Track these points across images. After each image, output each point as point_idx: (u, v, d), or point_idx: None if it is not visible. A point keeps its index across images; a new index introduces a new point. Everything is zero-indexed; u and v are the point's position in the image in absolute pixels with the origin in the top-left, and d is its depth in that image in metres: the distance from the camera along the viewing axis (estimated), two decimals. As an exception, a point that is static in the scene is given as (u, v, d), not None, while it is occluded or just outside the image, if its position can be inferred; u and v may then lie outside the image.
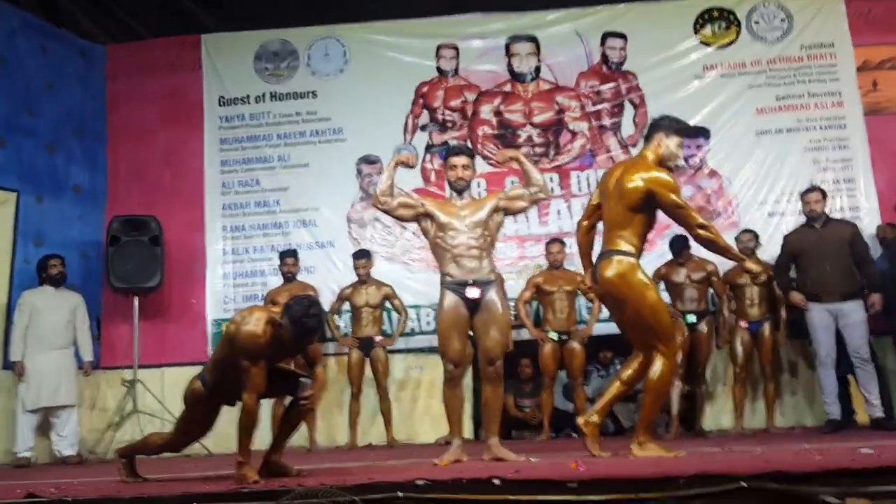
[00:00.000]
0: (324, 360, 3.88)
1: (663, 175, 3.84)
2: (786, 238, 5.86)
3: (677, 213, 3.83)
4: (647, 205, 3.85)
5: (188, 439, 3.89)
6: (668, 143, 3.90)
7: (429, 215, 4.12)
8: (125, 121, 7.33)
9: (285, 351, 3.59)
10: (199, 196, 7.21)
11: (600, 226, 4.13)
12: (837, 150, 6.78)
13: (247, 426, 3.53)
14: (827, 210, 5.72)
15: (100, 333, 7.03)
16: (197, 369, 6.70)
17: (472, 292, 4.07)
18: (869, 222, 6.38)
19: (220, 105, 7.37)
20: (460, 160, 4.12)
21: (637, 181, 3.83)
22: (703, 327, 6.01)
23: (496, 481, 3.04)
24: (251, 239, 7.18)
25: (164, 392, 6.68)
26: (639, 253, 3.93)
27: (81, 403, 6.64)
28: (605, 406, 4.17)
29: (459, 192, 4.13)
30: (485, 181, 6.87)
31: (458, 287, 4.08)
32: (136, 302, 6.72)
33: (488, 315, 4.05)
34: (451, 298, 4.09)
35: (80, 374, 6.24)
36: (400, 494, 2.97)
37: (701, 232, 3.79)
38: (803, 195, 5.76)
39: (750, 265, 4.18)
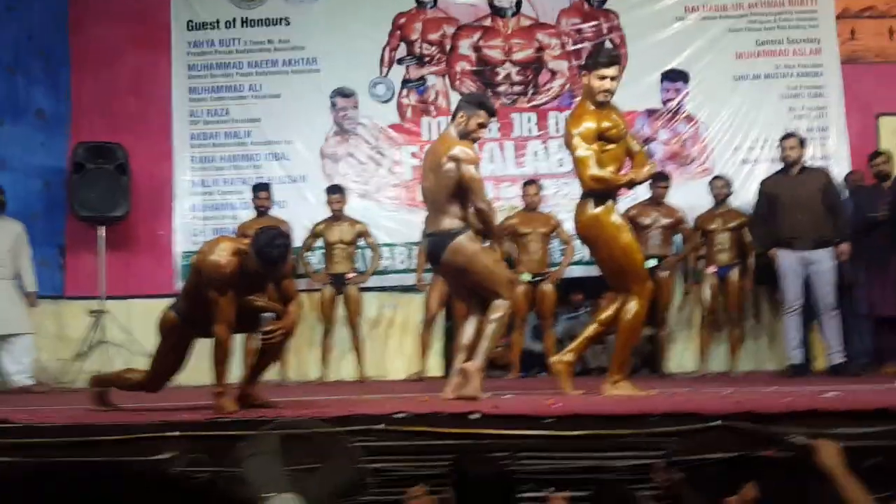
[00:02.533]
0: (298, 297, 3.83)
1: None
2: (762, 183, 5.91)
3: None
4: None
5: (163, 376, 3.85)
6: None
7: None
8: (89, 43, 7.03)
9: (253, 282, 3.56)
10: (166, 124, 7.00)
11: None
12: (813, 97, 6.79)
13: (219, 357, 3.52)
14: (804, 158, 5.76)
15: (64, 262, 6.89)
16: (165, 301, 6.66)
17: None
18: (839, 171, 6.42)
19: (188, 29, 7.09)
20: (491, 121, 4.14)
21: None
22: (665, 271, 6.10)
23: (475, 415, 3.08)
24: (221, 171, 7.02)
25: (132, 324, 6.59)
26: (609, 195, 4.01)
27: (42, 332, 6.54)
28: (580, 346, 4.23)
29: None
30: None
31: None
32: (101, 231, 6.57)
33: None
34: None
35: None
36: (381, 426, 3.01)
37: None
38: (781, 141, 5.79)
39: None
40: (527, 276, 6.20)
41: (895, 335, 5.84)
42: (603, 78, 3.94)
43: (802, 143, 5.76)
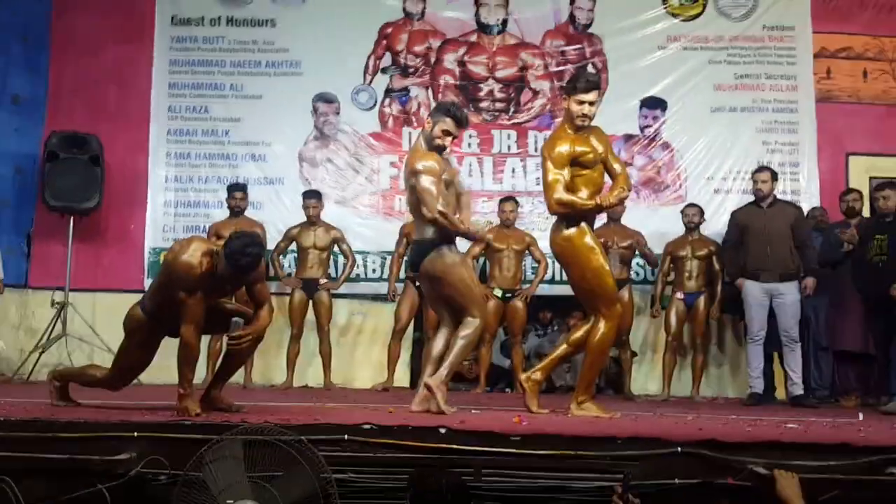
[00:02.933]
0: (271, 302, 3.80)
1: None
2: (733, 214, 6.00)
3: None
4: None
5: (126, 374, 3.80)
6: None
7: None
8: (72, 30, 6.94)
9: (222, 285, 3.53)
10: (144, 118, 6.92)
11: None
12: (787, 133, 6.92)
13: (186, 358, 3.49)
14: (775, 191, 5.87)
15: (30, 251, 6.77)
16: (131, 297, 6.56)
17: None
18: (808, 206, 6.54)
19: (172, 24, 7.04)
20: (458, 132, 4.05)
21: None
22: (625, 294, 6.15)
23: (442, 430, 3.09)
24: (197, 168, 6.96)
25: (96, 317, 6.49)
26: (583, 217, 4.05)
27: (4, 322, 6.43)
28: (549, 365, 4.26)
29: (440, 150, 3.99)
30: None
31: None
32: (71, 222, 6.46)
33: None
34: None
35: None
36: (346, 437, 2.99)
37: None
38: (754, 174, 5.89)
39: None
40: (498, 292, 6.22)
41: (854, 369, 5.95)
42: (581, 103, 3.99)
43: (775, 176, 5.87)
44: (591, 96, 4.00)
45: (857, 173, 6.81)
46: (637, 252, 6.35)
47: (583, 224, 4.06)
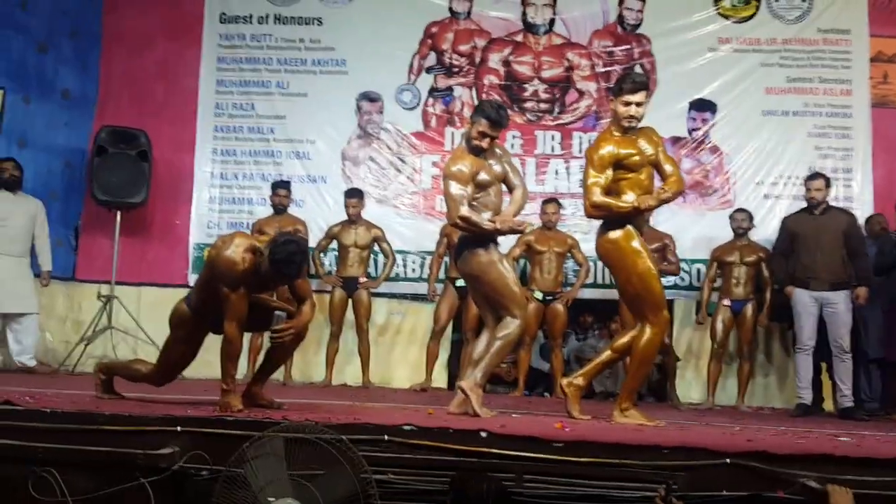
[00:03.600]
0: (312, 297, 3.80)
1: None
2: (784, 221, 5.86)
3: None
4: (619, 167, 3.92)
5: (171, 369, 3.82)
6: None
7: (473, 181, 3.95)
8: (121, 27, 7.06)
9: (265, 282, 3.53)
10: (191, 115, 7.01)
11: None
12: (840, 138, 6.73)
13: (229, 354, 3.50)
14: (828, 198, 5.71)
15: (77, 244, 6.90)
16: (175, 291, 6.68)
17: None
18: (861, 214, 6.36)
19: (220, 22, 7.12)
20: (494, 131, 3.91)
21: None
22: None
23: (483, 434, 3.04)
24: (242, 165, 7.02)
25: (140, 311, 6.59)
26: (627, 219, 3.95)
27: (50, 313, 6.55)
28: (592, 370, 4.19)
29: (475, 151, 3.93)
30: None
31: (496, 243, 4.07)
32: (118, 216, 6.56)
33: None
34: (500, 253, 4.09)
35: (39, 282, 6.07)
36: (386, 438, 2.97)
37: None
38: (807, 181, 5.74)
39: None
40: (539, 295, 6.16)
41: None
42: (628, 104, 3.91)
43: (828, 183, 5.71)
44: (637, 97, 3.92)
45: (913, 178, 6.60)
46: (664, 256, 6.18)
47: (629, 227, 3.98)
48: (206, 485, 2.77)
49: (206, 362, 6.57)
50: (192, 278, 6.64)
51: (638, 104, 3.93)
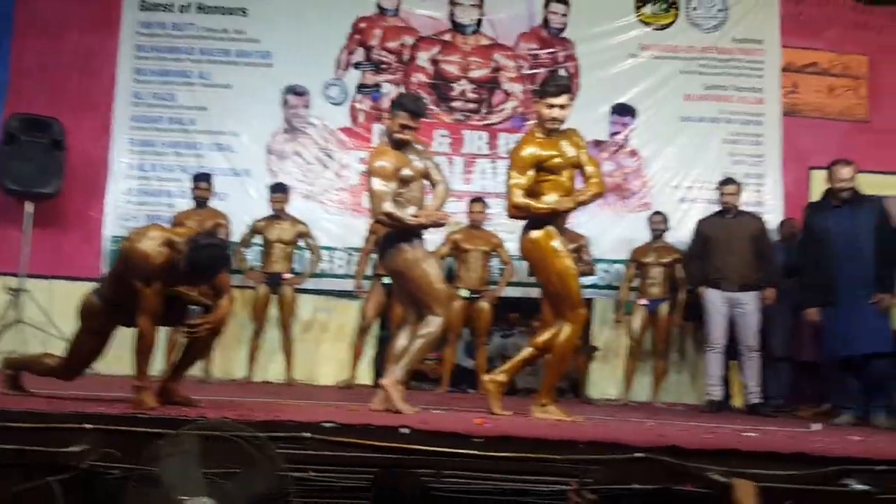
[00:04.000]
0: (231, 292, 3.73)
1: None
2: (698, 224, 6.08)
3: None
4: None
5: (80, 363, 3.70)
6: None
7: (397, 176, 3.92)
8: (36, 12, 6.76)
9: (179, 279, 3.45)
10: (108, 104, 6.78)
11: None
12: (753, 145, 7.04)
13: (142, 349, 3.41)
14: (739, 203, 5.95)
15: (-16, 236, 6.58)
16: (89, 285, 6.41)
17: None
18: (771, 218, 6.65)
19: (140, 9, 6.91)
20: (415, 122, 3.92)
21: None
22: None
23: (404, 430, 3.05)
24: (161, 156, 6.83)
25: (53, 305, 6.33)
26: (548, 220, 4.04)
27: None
28: (513, 367, 4.26)
29: (398, 145, 3.93)
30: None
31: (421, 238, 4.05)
32: (29, 207, 6.29)
33: None
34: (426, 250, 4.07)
35: None
36: (306, 435, 2.94)
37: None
38: (721, 185, 5.98)
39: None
40: (464, 293, 6.22)
41: (810, 379, 6.06)
42: (552, 106, 4.00)
43: (740, 188, 5.97)
44: (561, 100, 4.01)
45: (819, 187, 6.87)
46: (580, 256, 6.34)
47: (549, 227, 4.06)
48: (118, 484, 2.69)
49: (120, 358, 6.34)
50: (109, 270, 6.43)
51: (561, 107, 4.01)
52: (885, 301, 4.84)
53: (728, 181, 6.01)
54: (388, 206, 3.83)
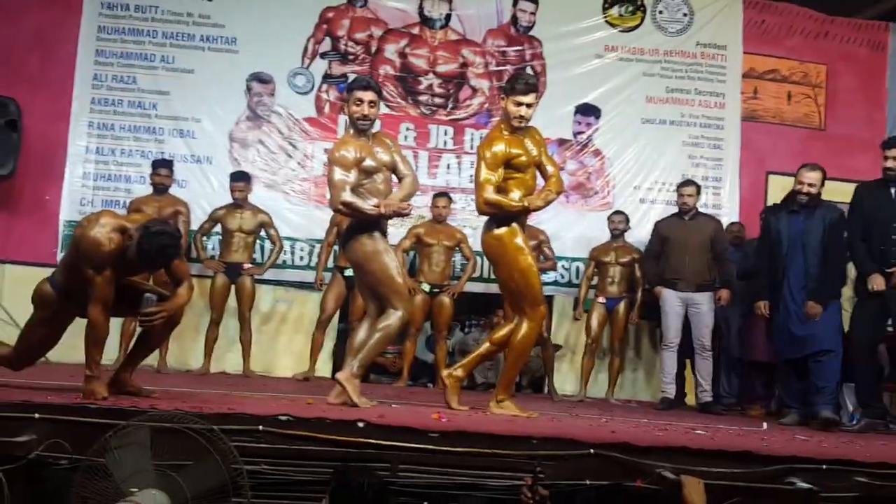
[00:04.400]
0: (190, 280, 3.68)
1: None
2: (656, 225, 6.18)
3: None
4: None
5: (30, 353, 3.62)
6: None
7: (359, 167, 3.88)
8: (-6, -13, 6.58)
9: (132, 267, 3.40)
10: (67, 85, 6.61)
11: None
12: (712, 148, 7.16)
13: (94, 339, 3.36)
14: (697, 205, 6.06)
15: (-66, 216, 6.39)
16: (43, 271, 6.26)
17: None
18: (728, 221, 6.78)
19: (103, -10, 6.75)
20: (367, 95, 3.90)
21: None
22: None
23: (360, 424, 3.06)
24: (120, 140, 6.69)
25: (3, 290, 6.21)
26: (513, 217, 4.06)
27: None
28: (471, 362, 4.28)
29: (361, 132, 3.96)
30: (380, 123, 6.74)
31: (384, 232, 4.01)
32: (-19, 188, 6.14)
33: None
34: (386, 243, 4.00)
35: None
36: (261, 428, 2.93)
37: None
38: (680, 187, 6.09)
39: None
40: (426, 287, 6.22)
41: (761, 379, 6.20)
42: (519, 104, 4.02)
43: (699, 191, 6.07)
44: (528, 98, 4.03)
45: (775, 192, 7.06)
46: (541, 252, 6.39)
47: (514, 224, 4.09)
48: (66, 475, 2.65)
49: (72, 346, 6.21)
50: (61, 257, 6.29)
51: (528, 105, 4.04)
52: (812, 309, 4.95)
53: (687, 183, 6.12)
54: (347, 196, 3.81)
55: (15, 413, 2.86)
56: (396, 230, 6.40)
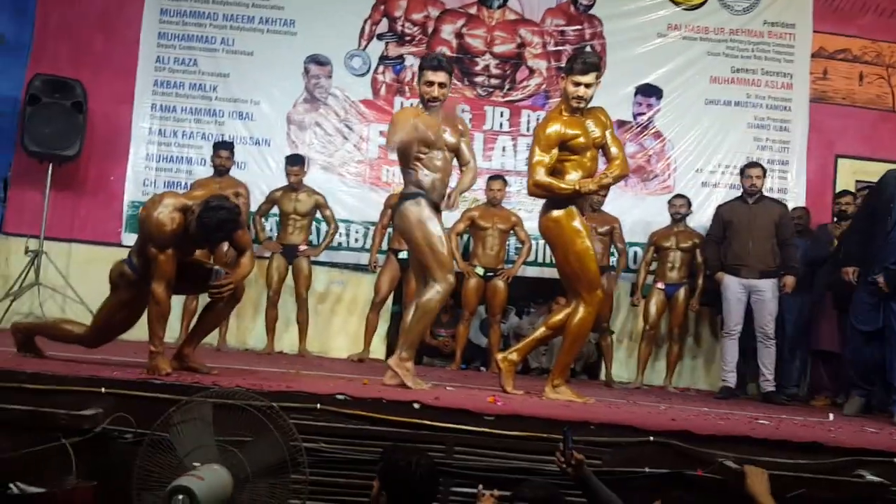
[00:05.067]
0: (252, 249, 3.74)
1: None
2: (718, 209, 6.00)
3: None
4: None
5: (107, 333, 3.72)
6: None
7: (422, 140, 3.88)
8: (61, -28, 6.74)
9: (196, 243, 3.49)
10: (131, 67, 6.74)
11: None
12: (779, 131, 6.91)
13: (157, 315, 3.45)
14: (761, 190, 5.87)
15: (6, 196, 6.61)
16: (107, 250, 6.49)
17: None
18: (792, 205, 6.55)
19: (165, -27, 6.86)
20: (438, 76, 3.87)
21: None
22: (604, 280, 6.13)
23: (416, 405, 3.06)
24: (182, 122, 6.81)
25: (70, 268, 6.39)
26: (570, 200, 4.00)
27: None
28: (526, 346, 4.24)
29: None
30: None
31: (434, 205, 3.97)
32: (49, 169, 6.31)
33: None
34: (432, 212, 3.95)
35: None
36: (318, 406, 2.96)
37: None
38: (746, 168, 5.89)
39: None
40: (480, 270, 6.19)
41: (827, 369, 6.00)
42: (578, 84, 3.94)
43: (764, 173, 5.87)
44: (587, 78, 3.94)
45: (844, 176, 6.82)
46: (612, 240, 6.30)
47: (571, 206, 4.03)
48: (130, 448, 2.72)
49: (137, 324, 6.43)
50: (126, 237, 6.45)
51: (587, 85, 3.95)
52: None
53: (753, 164, 5.91)
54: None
55: (83, 387, 2.94)
56: (450, 213, 6.38)
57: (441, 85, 3.87)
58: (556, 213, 4.01)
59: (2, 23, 6.54)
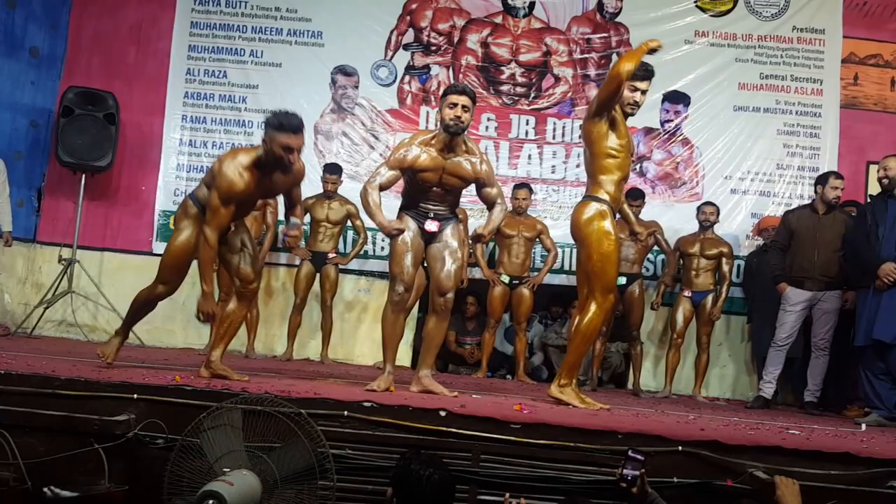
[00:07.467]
0: (304, 203, 3.97)
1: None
2: (786, 216, 5.78)
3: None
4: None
5: (168, 268, 3.85)
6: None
7: (411, 168, 4.03)
8: (93, -14, 6.89)
9: (270, 184, 3.80)
10: (161, 79, 6.87)
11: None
12: (809, 137, 6.84)
13: (205, 258, 3.69)
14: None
15: (40, 206, 6.75)
16: (139, 259, 6.59)
17: (431, 226, 4.03)
18: (825, 213, 6.46)
19: (195, -14, 6.98)
20: (462, 99, 3.90)
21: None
22: (636, 288, 6.11)
23: (442, 413, 3.06)
24: (212, 133, 6.91)
25: (102, 276, 6.51)
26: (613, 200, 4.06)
27: (11, 275, 6.45)
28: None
29: (453, 135, 3.94)
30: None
31: (419, 216, 4.02)
32: (82, 179, 6.44)
33: (444, 247, 4.03)
34: (410, 223, 4.02)
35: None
36: (346, 413, 2.97)
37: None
38: (830, 178, 5.57)
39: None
40: (505, 278, 6.19)
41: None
42: (635, 90, 3.96)
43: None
44: (644, 84, 3.98)
45: (876, 182, 6.69)
46: (655, 244, 6.27)
47: (605, 207, 4.02)
48: (162, 453, 2.76)
49: (167, 331, 6.51)
50: (156, 246, 6.55)
51: (643, 92, 3.98)
52: None
53: (836, 175, 5.61)
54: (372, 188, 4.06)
55: (115, 393, 2.99)
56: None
57: (464, 108, 3.89)
58: (590, 210, 4.01)
59: (36, 36, 6.69)
